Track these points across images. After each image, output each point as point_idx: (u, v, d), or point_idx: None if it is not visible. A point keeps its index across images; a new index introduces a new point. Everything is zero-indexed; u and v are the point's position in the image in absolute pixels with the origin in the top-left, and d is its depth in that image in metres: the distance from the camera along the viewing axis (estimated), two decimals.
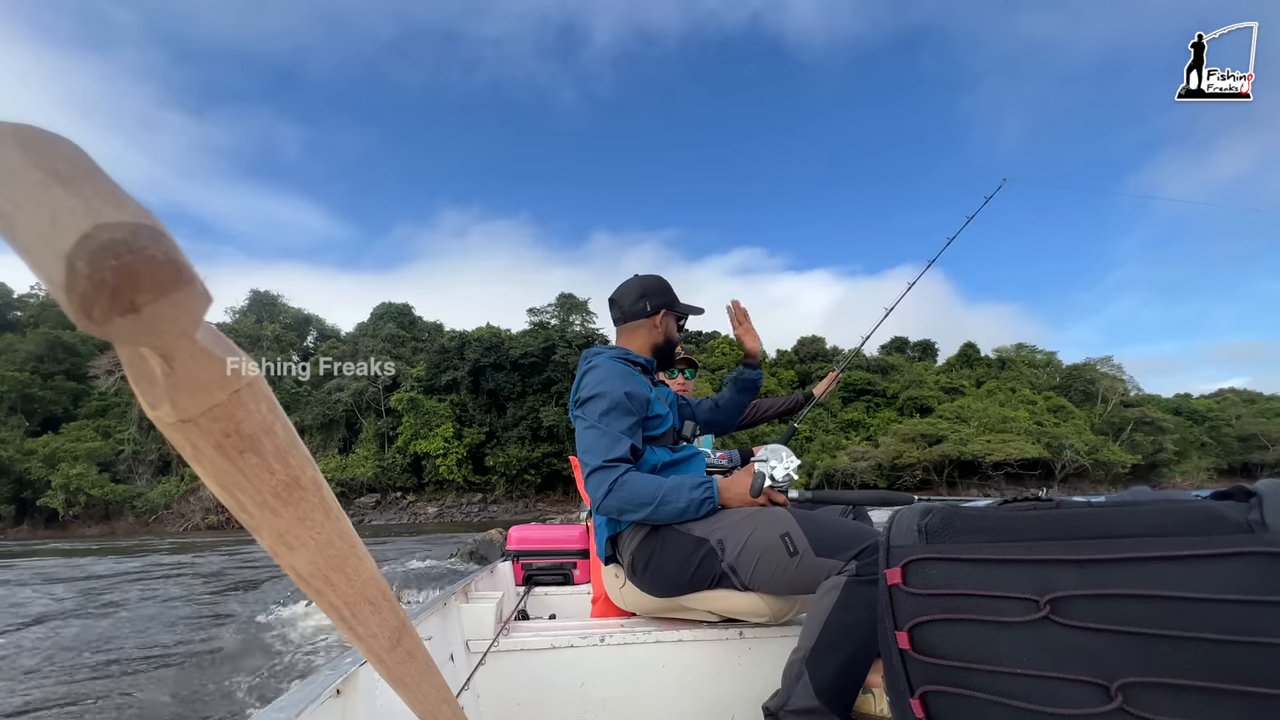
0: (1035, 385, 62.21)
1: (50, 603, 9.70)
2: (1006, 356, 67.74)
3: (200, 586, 11.04)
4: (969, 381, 61.74)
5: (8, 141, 0.21)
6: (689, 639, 1.59)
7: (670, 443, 1.68)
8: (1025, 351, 69.04)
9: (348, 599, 0.39)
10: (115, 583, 11.93)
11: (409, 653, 0.47)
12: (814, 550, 1.36)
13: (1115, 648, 0.61)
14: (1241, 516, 0.57)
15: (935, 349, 71.27)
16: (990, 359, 68.00)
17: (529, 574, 2.52)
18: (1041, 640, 0.66)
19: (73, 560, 17.65)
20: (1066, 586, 0.65)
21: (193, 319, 0.24)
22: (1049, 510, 0.69)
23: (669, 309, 1.78)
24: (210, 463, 0.28)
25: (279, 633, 6.96)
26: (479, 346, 49.97)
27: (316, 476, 0.33)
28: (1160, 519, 0.61)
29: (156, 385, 0.25)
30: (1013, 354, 68.17)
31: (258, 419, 0.29)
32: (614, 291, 1.82)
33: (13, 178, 0.20)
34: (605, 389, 1.54)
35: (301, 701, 0.82)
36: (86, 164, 0.22)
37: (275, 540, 0.33)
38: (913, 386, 58.21)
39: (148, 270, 0.21)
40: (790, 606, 1.54)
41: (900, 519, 0.80)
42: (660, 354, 1.79)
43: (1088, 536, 0.65)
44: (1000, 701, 0.69)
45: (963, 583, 0.72)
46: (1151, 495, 0.65)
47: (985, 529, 0.73)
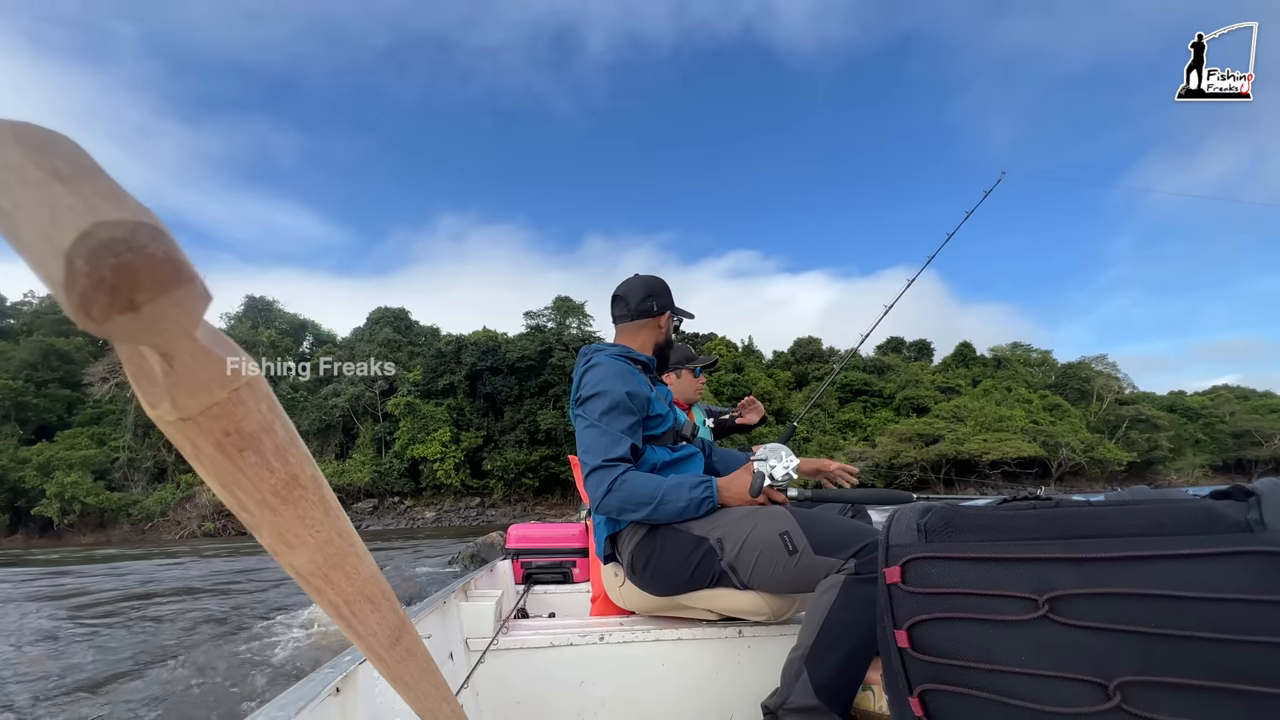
0: (1031, 384, 62.36)
1: (45, 615, 9.65)
2: (1002, 356, 67.90)
3: (205, 593, 11.00)
4: (965, 381, 61.90)
5: (6, 140, 0.21)
6: (688, 637, 1.59)
7: (670, 442, 1.68)
8: (1021, 351, 69.21)
9: (347, 597, 0.39)
10: (120, 590, 11.88)
11: (408, 651, 0.48)
12: (813, 549, 1.36)
13: (1114, 646, 0.62)
14: (1240, 516, 0.57)
15: (931, 349, 71.49)
16: (986, 358, 68.14)
17: (528, 572, 2.52)
18: (1040, 639, 0.66)
19: (65, 568, 17.54)
20: (1065, 585, 0.65)
21: (192, 317, 0.24)
22: (1048, 509, 0.70)
23: (671, 311, 1.80)
24: (210, 461, 0.28)
25: (284, 635, 6.95)
26: (475, 350, 49.93)
27: (316, 475, 0.33)
28: (1159, 518, 0.61)
29: (156, 384, 0.25)
30: (1008, 353, 68.35)
31: (257, 417, 0.29)
32: (618, 288, 1.81)
33: (12, 176, 0.20)
34: (606, 388, 1.53)
35: (301, 699, 0.82)
36: (86, 162, 0.21)
37: (275, 538, 0.33)
38: (909, 386, 58.33)
39: (147, 268, 0.21)
40: (789, 605, 1.54)
41: (899, 518, 0.80)
42: (661, 354, 1.80)
43: (1086, 535, 0.65)
44: (999, 700, 0.69)
45: (961, 581, 0.72)
46: (1150, 494, 0.66)
47: (984, 528, 0.73)
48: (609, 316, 1.85)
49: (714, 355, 2.90)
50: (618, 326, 1.81)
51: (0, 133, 0.21)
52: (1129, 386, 64.75)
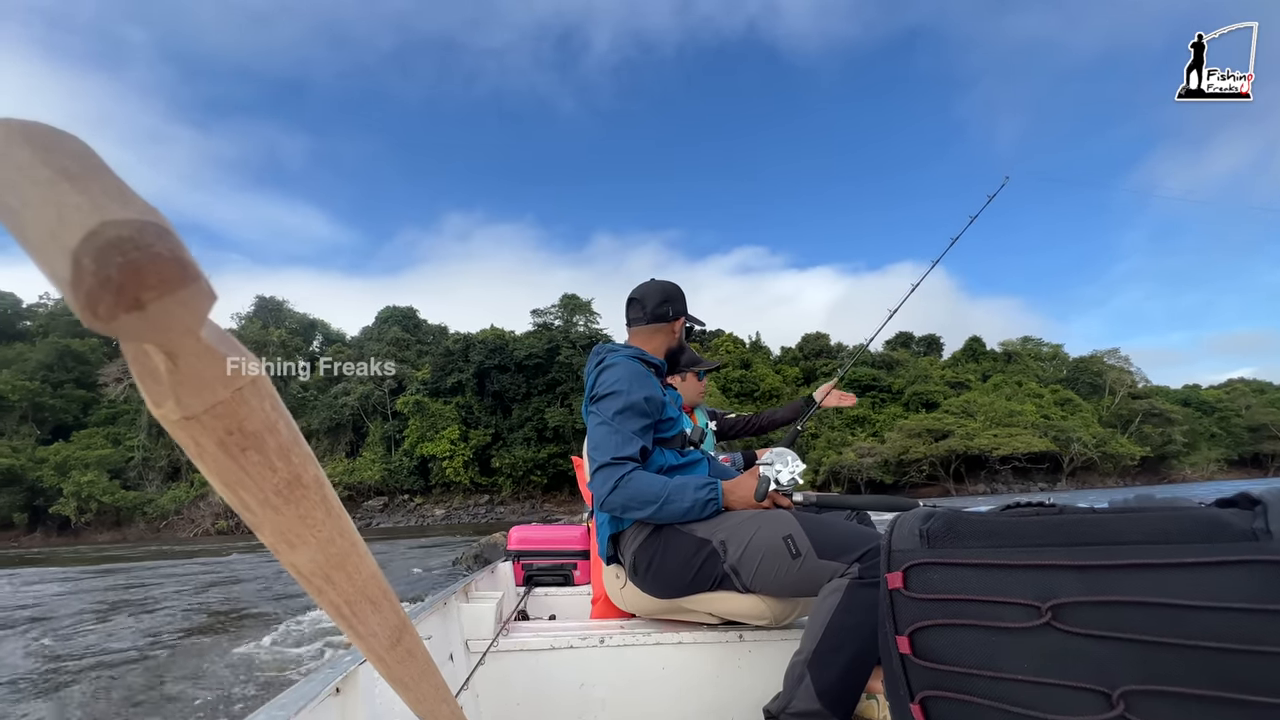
0: (1042, 379, 61.46)
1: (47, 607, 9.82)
2: (1013, 350, 66.79)
3: (215, 590, 11.13)
4: (975, 376, 61.17)
5: (15, 138, 0.21)
6: (689, 641, 1.58)
7: (679, 446, 1.68)
8: (1032, 345, 68.02)
9: (348, 597, 0.39)
10: (131, 586, 12.05)
11: (409, 652, 0.48)
12: (817, 552, 1.35)
13: (1117, 655, 0.61)
14: (1246, 524, 0.56)
15: (941, 344, 70.50)
16: (996, 353, 67.10)
17: (529, 574, 2.52)
18: (1043, 646, 0.65)
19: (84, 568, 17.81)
20: (1069, 593, 0.64)
21: (197, 316, 0.24)
22: (1051, 516, 0.68)
23: (685, 317, 1.82)
24: (213, 460, 0.28)
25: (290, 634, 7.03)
26: (483, 349, 50.19)
27: (318, 474, 0.34)
28: (1164, 525, 0.60)
29: (161, 382, 0.25)
30: (1019, 347, 67.20)
31: (261, 416, 0.29)
32: (635, 290, 1.82)
33: (20, 174, 0.20)
34: (623, 388, 1.54)
35: (301, 700, 0.82)
36: (94, 161, 0.22)
37: (277, 538, 0.33)
38: (918, 382, 57.78)
39: (153, 267, 0.21)
40: (792, 609, 1.53)
41: (902, 523, 0.79)
42: (672, 359, 1.82)
43: (1090, 543, 0.64)
44: (1001, 708, 0.68)
45: (964, 588, 0.71)
46: (1155, 502, 0.64)
47: (987, 534, 0.72)
48: (616, 314, 1.87)
49: (720, 360, 2.91)
50: (631, 329, 1.81)
51: (9, 131, 0.21)
52: (1142, 380, 63.64)
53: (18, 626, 8.05)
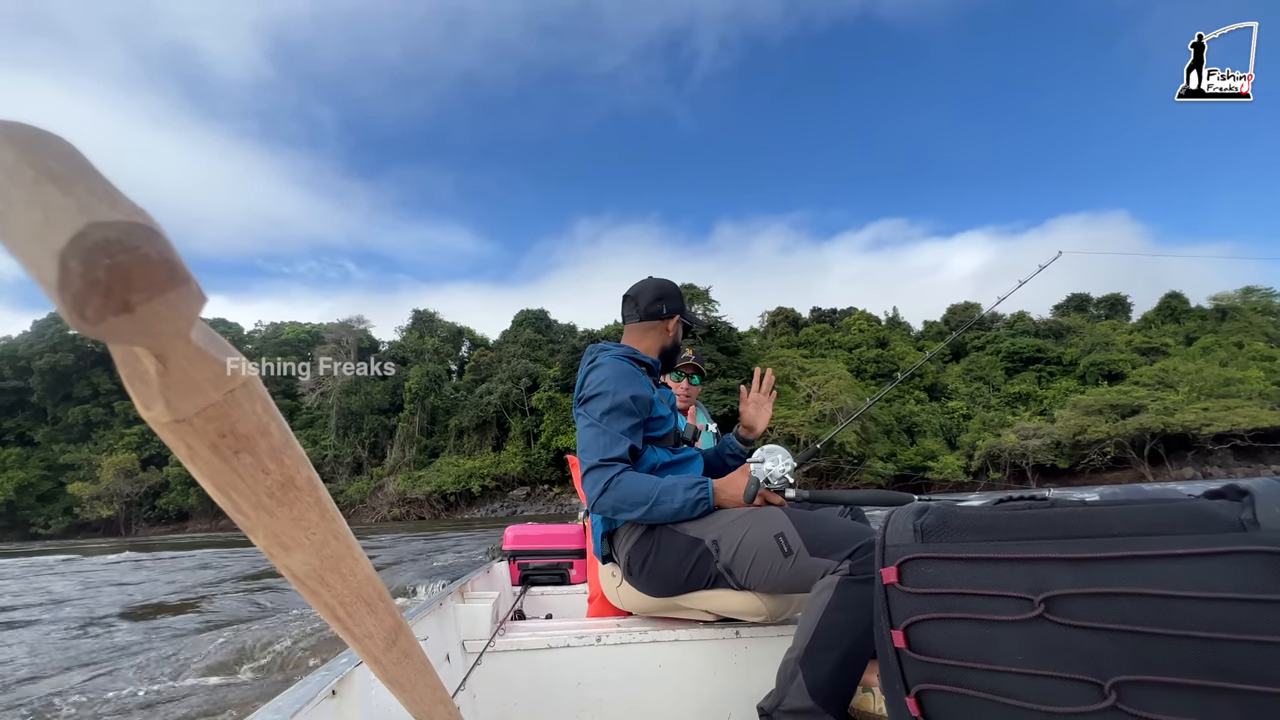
0: (1272, 338, 49.78)
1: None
2: (1228, 305, 54.28)
3: None
4: (1175, 339, 51.05)
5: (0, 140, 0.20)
6: (685, 639, 1.59)
7: (670, 444, 1.68)
8: (1258, 297, 54.59)
9: (343, 599, 0.39)
10: None
11: (405, 653, 0.47)
12: (808, 550, 1.36)
13: (1109, 646, 0.62)
14: (1233, 515, 0.58)
15: (1128, 304, 59.50)
16: (1205, 310, 55.42)
17: (525, 574, 2.51)
18: (1036, 639, 0.66)
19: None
20: (1061, 585, 0.65)
21: (187, 318, 0.23)
22: (1044, 509, 0.70)
23: (681, 315, 1.80)
24: (205, 463, 0.28)
25: None
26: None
27: (312, 476, 0.33)
28: (1154, 517, 0.61)
29: (150, 385, 0.25)
30: (1238, 301, 54.44)
31: (253, 419, 0.29)
32: (630, 288, 1.81)
33: (5, 175, 0.20)
34: (609, 388, 1.54)
35: (297, 702, 0.81)
36: (80, 162, 0.21)
37: (270, 541, 0.33)
38: (1097, 350, 48.99)
39: (142, 269, 0.21)
40: (786, 606, 1.54)
41: (896, 518, 0.80)
42: (666, 357, 1.80)
43: (1082, 535, 0.65)
44: (995, 700, 0.69)
45: (958, 582, 0.72)
46: (1145, 494, 0.66)
47: (980, 528, 0.73)
48: (735, 302, 1.84)
49: (699, 358, 2.79)
50: (625, 326, 1.81)
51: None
52: None
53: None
